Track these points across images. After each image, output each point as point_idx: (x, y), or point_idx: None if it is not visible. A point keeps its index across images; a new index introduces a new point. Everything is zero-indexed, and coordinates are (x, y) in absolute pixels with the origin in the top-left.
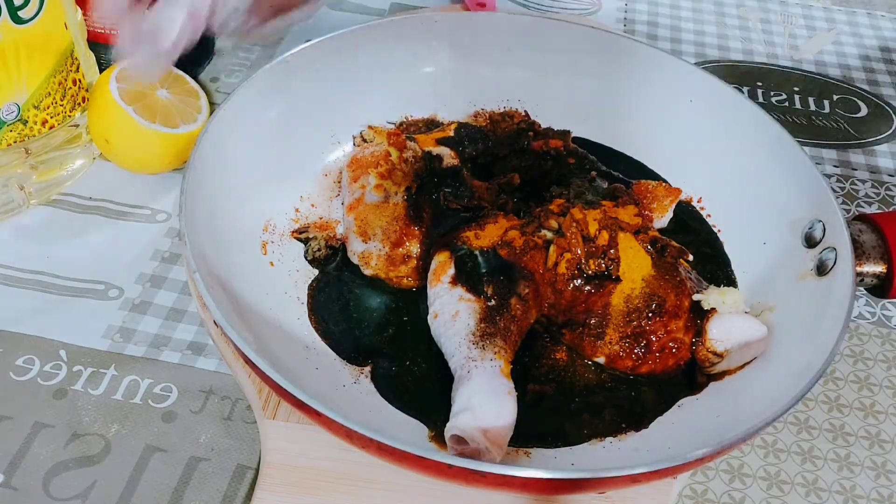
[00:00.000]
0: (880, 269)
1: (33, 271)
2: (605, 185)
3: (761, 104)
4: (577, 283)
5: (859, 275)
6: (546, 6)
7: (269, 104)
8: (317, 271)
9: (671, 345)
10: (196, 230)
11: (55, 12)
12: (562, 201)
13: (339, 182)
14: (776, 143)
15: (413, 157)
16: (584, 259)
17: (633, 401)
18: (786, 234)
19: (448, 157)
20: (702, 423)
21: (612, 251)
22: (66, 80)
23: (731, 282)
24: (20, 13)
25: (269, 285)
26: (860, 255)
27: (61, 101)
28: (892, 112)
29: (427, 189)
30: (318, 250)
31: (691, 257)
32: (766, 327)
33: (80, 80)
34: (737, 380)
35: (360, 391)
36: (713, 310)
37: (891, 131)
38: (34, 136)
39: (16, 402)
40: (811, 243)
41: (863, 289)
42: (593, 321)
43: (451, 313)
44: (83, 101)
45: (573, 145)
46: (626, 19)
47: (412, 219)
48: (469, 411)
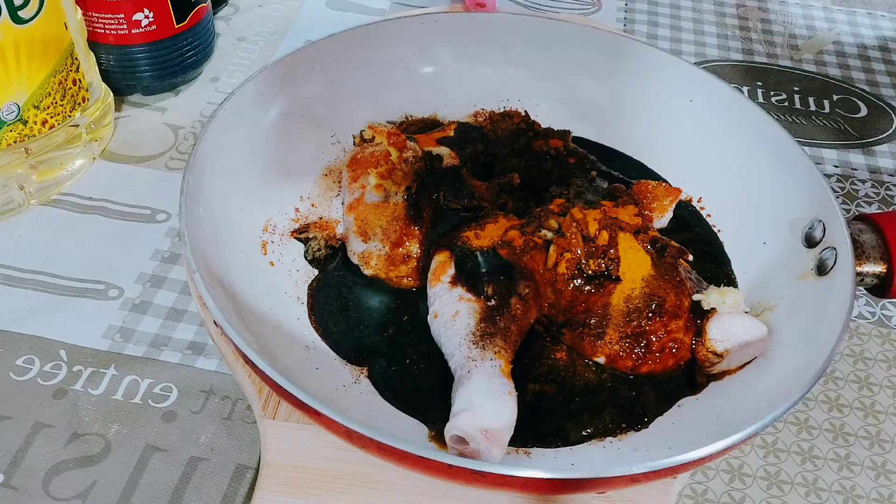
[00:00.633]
0: (880, 269)
1: (33, 271)
2: (605, 185)
3: (761, 104)
4: (577, 283)
5: (859, 275)
6: (546, 6)
7: (269, 104)
8: (317, 271)
9: (671, 345)
10: (196, 230)
11: (55, 12)
12: (562, 201)
13: (339, 182)
14: (776, 143)
15: (413, 156)
16: (584, 259)
17: (633, 401)
18: (786, 234)
19: (448, 157)
20: (702, 423)
21: (612, 251)
22: (66, 80)
23: (731, 282)
24: (20, 13)
25: (269, 285)
26: (860, 255)
27: (61, 101)
28: (892, 112)
29: (427, 189)
30: (318, 250)
31: (691, 257)
32: (766, 327)
33: (80, 80)
34: (737, 380)
35: (361, 391)
36: (713, 310)
37: (891, 131)
38: (34, 136)
39: (16, 402)
40: (811, 243)
41: (863, 289)
42: (593, 321)
43: (451, 313)
44: (83, 101)
45: (573, 145)
46: (626, 19)
47: (412, 219)
48: (469, 411)
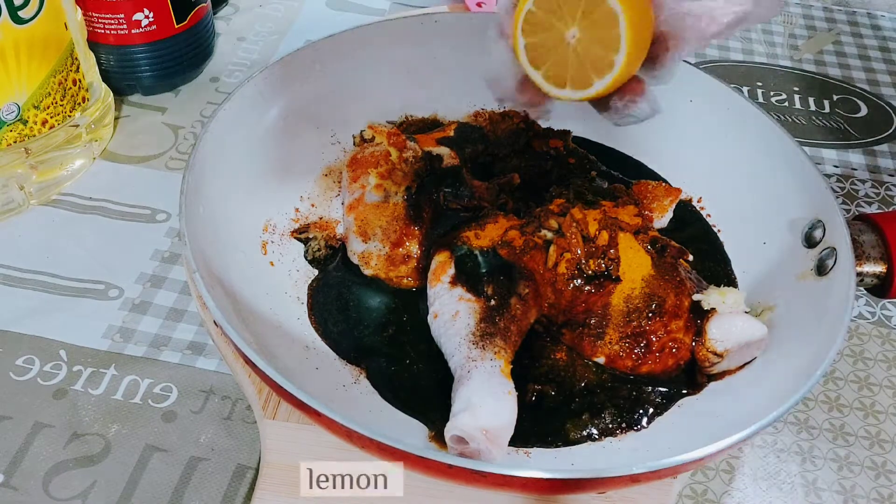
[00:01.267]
0: (880, 269)
1: (33, 271)
2: (605, 185)
3: (761, 104)
4: (577, 283)
5: (859, 275)
6: None
7: (270, 104)
8: (317, 271)
9: (671, 345)
10: (196, 230)
11: (55, 12)
12: (562, 201)
13: (339, 182)
14: (776, 143)
15: (413, 156)
16: (584, 259)
17: (633, 401)
18: (786, 234)
19: (448, 157)
20: (702, 423)
21: (612, 251)
22: (66, 80)
23: (732, 282)
24: (20, 13)
25: (269, 285)
26: (860, 255)
27: (61, 101)
28: (892, 112)
29: (427, 189)
30: (318, 250)
31: (691, 257)
32: (765, 327)
33: (80, 80)
34: (737, 380)
35: (361, 391)
36: (713, 310)
37: (891, 131)
38: (34, 136)
39: (16, 402)
40: (811, 243)
41: (863, 289)
42: (593, 321)
43: (451, 313)
44: (83, 101)
45: (573, 145)
46: None
47: (412, 219)
48: (469, 411)
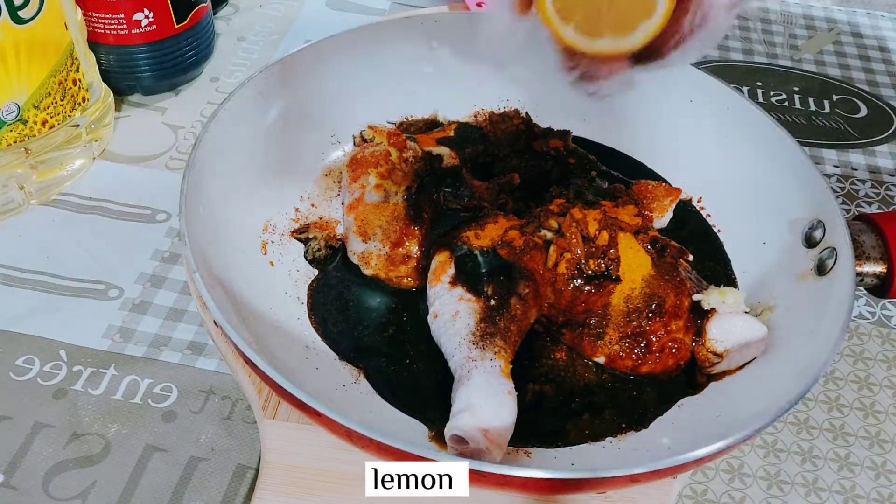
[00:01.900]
0: (880, 269)
1: (33, 271)
2: (605, 185)
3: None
4: (577, 283)
5: (859, 275)
6: None
7: (270, 104)
8: (317, 271)
9: (671, 345)
10: (196, 230)
11: (55, 12)
12: (562, 201)
13: (340, 182)
14: (776, 143)
15: (413, 156)
16: (583, 259)
17: (633, 401)
18: (786, 234)
19: (448, 157)
20: (702, 423)
21: (612, 251)
22: (66, 80)
23: (732, 282)
24: (20, 13)
25: (269, 285)
26: (860, 255)
27: (61, 101)
28: (892, 112)
29: (427, 189)
30: (318, 250)
31: (691, 257)
32: (765, 327)
33: (80, 80)
34: (737, 380)
35: (361, 391)
36: (713, 310)
37: (891, 131)
38: (34, 136)
39: (16, 402)
40: (811, 243)
41: (863, 289)
42: (593, 321)
43: (451, 313)
44: (83, 101)
45: (573, 145)
46: None
47: (412, 219)
48: (469, 411)
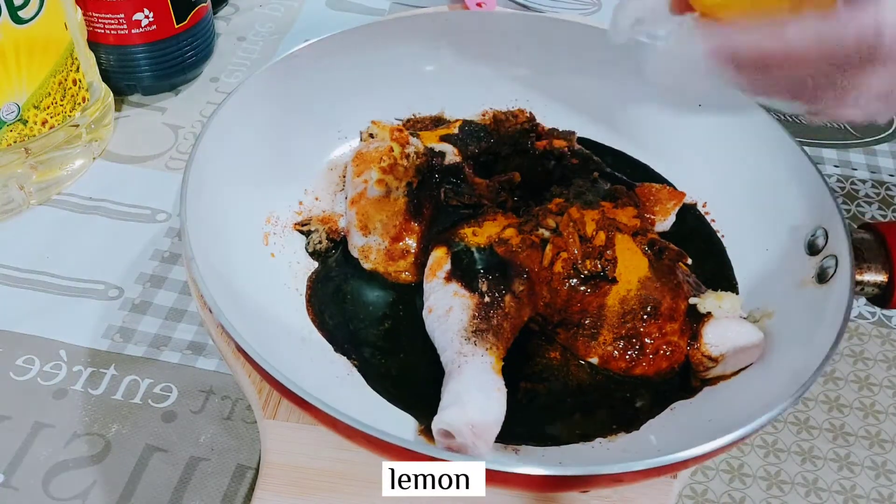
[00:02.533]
0: (881, 278)
1: (33, 271)
2: (607, 186)
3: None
4: (573, 283)
5: (860, 283)
6: (546, 6)
7: (274, 99)
8: (317, 264)
9: (665, 347)
10: (196, 218)
11: (55, 12)
12: (561, 201)
13: (344, 176)
14: (783, 151)
15: (415, 152)
16: (580, 259)
17: (625, 402)
18: (788, 241)
19: (451, 154)
20: (693, 426)
21: (609, 252)
22: (66, 80)
23: (732, 287)
24: (20, 13)
25: (268, 276)
26: (861, 264)
27: (61, 101)
28: None
29: (428, 185)
30: (319, 243)
31: (690, 261)
32: (761, 333)
33: (80, 80)
34: (731, 385)
35: (354, 383)
36: (709, 314)
37: (891, 131)
38: (34, 136)
39: (16, 402)
40: (813, 251)
41: (864, 298)
42: (588, 321)
43: (445, 308)
44: (83, 101)
45: (578, 146)
46: None
47: (412, 214)
48: (457, 405)
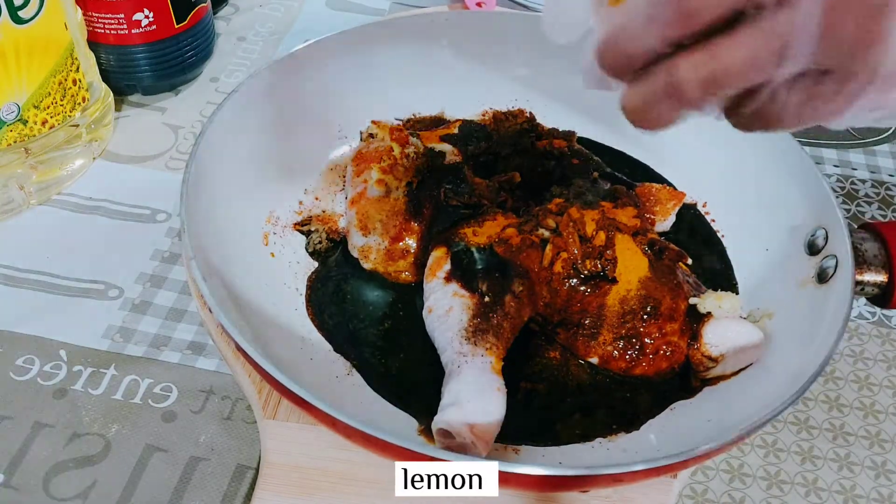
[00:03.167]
0: (881, 278)
1: (33, 271)
2: (607, 186)
3: None
4: (573, 283)
5: (860, 283)
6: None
7: (274, 99)
8: (317, 263)
9: (665, 347)
10: (196, 218)
11: (55, 12)
12: (561, 201)
13: (345, 176)
14: (783, 151)
15: (415, 152)
16: (580, 259)
17: (625, 402)
18: (789, 241)
19: (450, 154)
20: (693, 427)
21: (609, 252)
22: (66, 80)
23: (733, 287)
24: (20, 13)
25: (268, 275)
26: (862, 264)
27: (61, 101)
28: None
29: (428, 185)
30: (319, 243)
31: (690, 261)
32: (761, 333)
33: (80, 80)
34: (731, 385)
35: (354, 383)
36: (709, 314)
37: (891, 131)
38: (34, 136)
39: (16, 402)
40: (813, 251)
41: (864, 298)
42: (588, 321)
43: (445, 308)
44: (83, 101)
45: (578, 146)
46: None
47: (412, 214)
48: (456, 405)
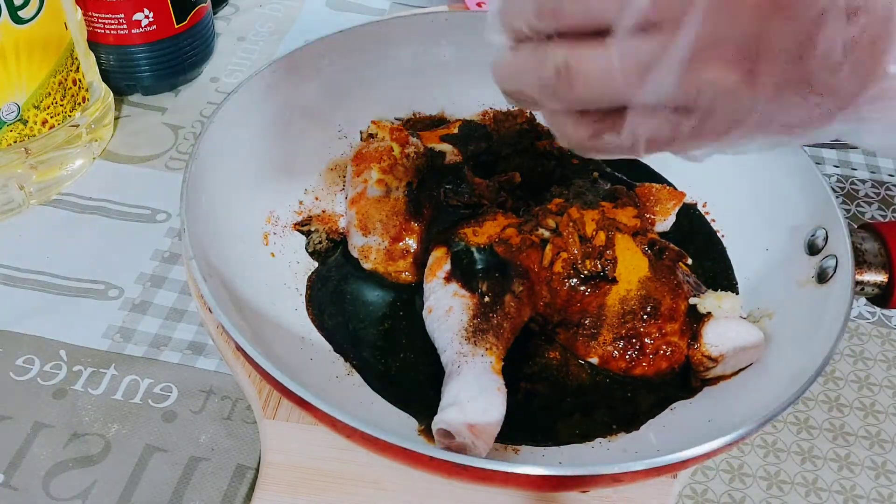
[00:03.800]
0: (881, 278)
1: (33, 271)
2: (607, 186)
3: None
4: (573, 283)
5: (860, 283)
6: None
7: (277, 97)
8: (317, 264)
9: (665, 347)
10: (196, 218)
11: (55, 12)
12: (561, 201)
13: (345, 176)
14: (782, 151)
15: (415, 152)
16: (580, 259)
17: (625, 402)
18: (788, 241)
19: (450, 154)
20: (693, 427)
21: (609, 252)
22: (66, 80)
23: (733, 287)
24: (20, 13)
25: (268, 276)
26: (861, 264)
27: (61, 101)
28: None
29: (428, 185)
30: (319, 243)
31: (690, 261)
32: (761, 333)
33: (80, 80)
34: (731, 385)
35: (354, 383)
36: (709, 314)
37: None
38: (34, 136)
39: (16, 402)
40: (813, 251)
41: (864, 298)
42: (588, 321)
43: (445, 308)
44: (83, 101)
45: None
46: None
47: (412, 214)
48: (456, 406)
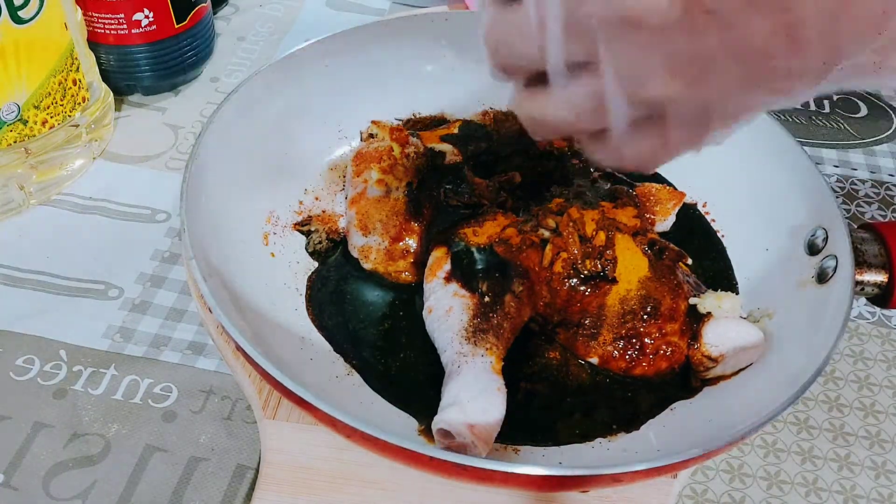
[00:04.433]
0: (881, 278)
1: (33, 271)
2: (608, 186)
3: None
4: (573, 283)
5: (860, 283)
6: None
7: (277, 97)
8: (317, 264)
9: (665, 347)
10: (196, 218)
11: (55, 12)
12: (561, 201)
13: (345, 176)
14: (783, 151)
15: (415, 152)
16: (580, 259)
17: (625, 402)
18: (788, 241)
19: (450, 154)
20: (693, 427)
21: (609, 252)
22: (66, 80)
23: (733, 287)
24: (20, 13)
25: (268, 276)
26: (861, 264)
27: (61, 101)
28: (891, 112)
29: (428, 185)
30: (319, 243)
31: (690, 261)
32: (761, 333)
33: (80, 80)
34: (731, 385)
35: (354, 383)
36: (709, 314)
37: (891, 131)
38: (34, 136)
39: (16, 402)
40: (813, 251)
41: (864, 298)
42: (588, 321)
43: (445, 309)
44: (83, 101)
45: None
46: None
47: (412, 214)
48: (456, 406)
